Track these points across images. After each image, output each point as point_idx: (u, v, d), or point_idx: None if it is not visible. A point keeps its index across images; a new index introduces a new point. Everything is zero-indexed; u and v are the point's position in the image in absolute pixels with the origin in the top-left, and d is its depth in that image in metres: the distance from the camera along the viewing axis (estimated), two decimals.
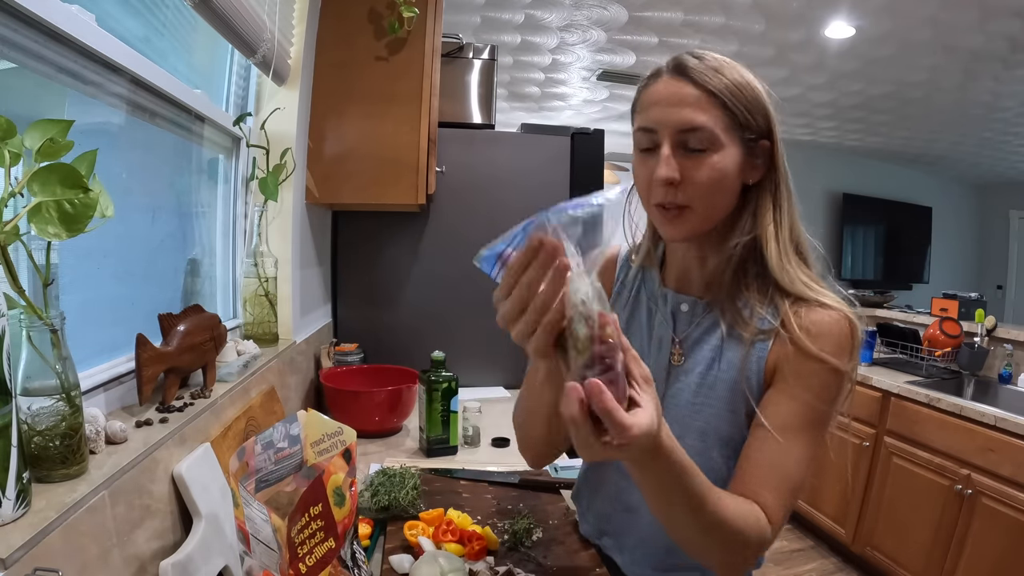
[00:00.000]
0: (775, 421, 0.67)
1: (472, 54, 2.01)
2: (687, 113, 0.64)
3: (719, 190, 0.67)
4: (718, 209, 0.69)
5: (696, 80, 0.65)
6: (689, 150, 0.65)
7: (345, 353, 1.75)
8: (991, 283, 6.20)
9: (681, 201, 0.67)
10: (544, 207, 0.52)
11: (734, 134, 0.66)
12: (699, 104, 0.64)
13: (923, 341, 2.59)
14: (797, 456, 0.65)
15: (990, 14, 2.53)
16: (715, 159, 0.65)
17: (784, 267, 0.69)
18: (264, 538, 0.58)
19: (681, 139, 0.65)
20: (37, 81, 0.71)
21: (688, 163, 0.65)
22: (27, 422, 0.56)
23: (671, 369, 0.76)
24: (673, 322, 0.77)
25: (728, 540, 0.60)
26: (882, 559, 2.33)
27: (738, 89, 0.65)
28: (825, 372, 0.66)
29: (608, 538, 0.85)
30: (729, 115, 0.65)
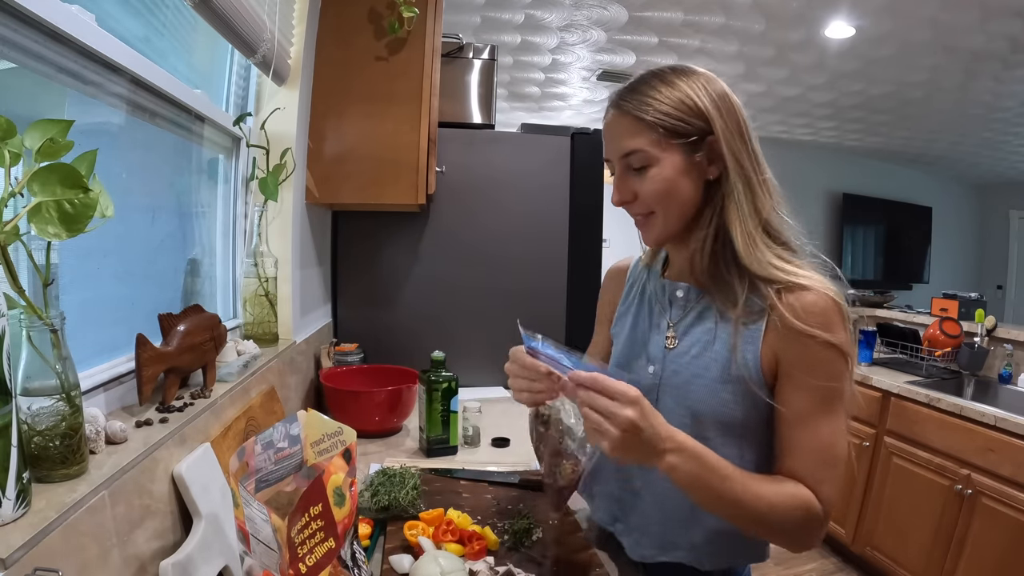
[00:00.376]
0: (793, 412, 0.71)
1: (472, 54, 2.01)
2: (625, 142, 0.75)
3: (669, 195, 0.74)
4: (678, 210, 0.76)
5: (625, 111, 0.75)
6: (635, 170, 0.76)
7: (345, 353, 1.75)
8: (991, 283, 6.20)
9: (643, 211, 0.77)
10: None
11: (669, 145, 0.73)
12: (633, 131, 0.74)
13: (923, 341, 2.59)
14: (824, 433, 0.70)
15: (990, 14, 2.53)
16: (654, 172, 0.74)
17: (751, 253, 0.73)
18: (264, 538, 0.58)
19: (625, 163, 0.76)
20: (37, 81, 0.71)
21: (637, 181, 0.76)
22: (27, 422, 0.56)
23: (666, 353, 0.81)
24: (670, 308, 0.83)
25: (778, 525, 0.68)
26: (882, 559, 2.33)
27: (666, 106, 0.73)
28: (821, 350, 0.70)
29: (620, 523, 0.87)
30: (658, 131, 0.73)
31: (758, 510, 0.67)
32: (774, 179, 0.77)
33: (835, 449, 0.70)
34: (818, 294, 0.71)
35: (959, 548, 1.99)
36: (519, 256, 2.05)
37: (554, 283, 2.08)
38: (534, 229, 2.05)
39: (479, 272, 2.04)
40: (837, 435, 0.70)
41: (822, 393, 0.70)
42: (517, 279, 2.05)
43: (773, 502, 0.67)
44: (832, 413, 0.70)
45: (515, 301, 2.05)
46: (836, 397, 0.70)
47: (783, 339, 0.71)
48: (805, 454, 0.70)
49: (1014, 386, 2.32)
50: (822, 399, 0.70)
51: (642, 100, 0.74)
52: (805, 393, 0.71)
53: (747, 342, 0.74)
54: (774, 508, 0.67)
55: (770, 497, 0.67)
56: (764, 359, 0.73)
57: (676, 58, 3.34)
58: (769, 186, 0.76)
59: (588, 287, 2.11)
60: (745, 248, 0.73)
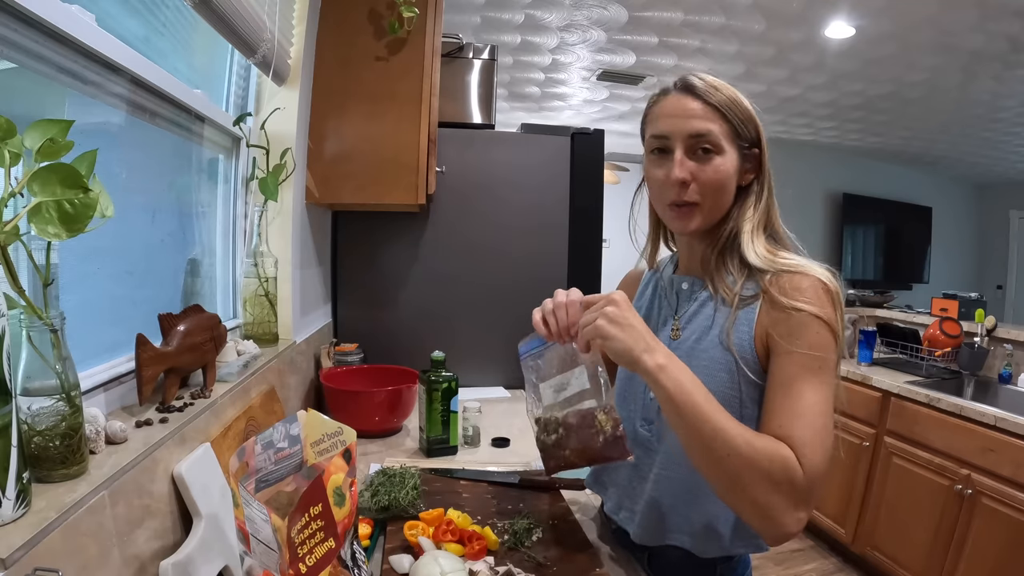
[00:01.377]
0: (779, 378, 0.73)
1: (472, 54, 2.01)
2: (696, 122, 0.77)
3: (723, 189, 0.79)
4: (721, 206, 0.80)
5: (701, 96, 0.78)
6: (698, 154, 0.78)
7: (345, 353, 1.75)
8: (991, 283, 6.20)
9: (691, 199, 0.79)
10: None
11: (733, 142, 0.78)
12: (705, 115, 0.77)
13: (923, 341, 2.59)
14: (809, 401, 0.69)
15: (990, 14, 2.53)
16: (719, 161, 0.77)
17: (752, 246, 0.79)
18: (264, 538, 0.58)
19: (691, 144, 0.78)
20: (37, 81, 0.71)
21: (697, 166, 0.78)
22: (27, 422, 0.56)
23: (671, 343, 0.83)
24: (676, 301, 0.87)
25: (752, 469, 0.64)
26: (882, 559, 2.33)
27: (735, 104, 0.78)
28: (808, 321, 0.71)
29: (625, 511, 0.89)
30: (729, 125, 0.78)
31: (737, 447, 0.64)
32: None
33: (818, 417, 0.68)
34: (809, 276, 0.74)
35: (959, 548, 1.99)
36: (519, 256, 2.05)
37: (554, 282, 2.08)
38: (534, 229, 2.05)
39: (479, 272, 2.04)
40: (820, 404, 0.69)
41: (806, 361, 0.70)
42: (517, 279, 2.05)
43: (753, 443, 0.65)
44: (816, 382, 0.70)
45: (515, 301, 2.05)
46: (821, 368, 0.70)
47: (772, 315, 0.74)
48: (786, 417, 0.69)
49: (1014, 386, 2.32)
50: (806, 367, 0.70)
51: (724, 96, 0.78)
52: (791, 359, 0.71)
53: (742, 324, 0.77)
54: (754, 449, 0.65)
55: (750, 437, 0.66)
56: (757, 339, 0.75)
57: (676, 58, 3.34)
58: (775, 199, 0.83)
59: (588, 287, 2.10)
60: (747, 240, 0.79)
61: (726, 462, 0.65)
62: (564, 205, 2.07)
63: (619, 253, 4.53)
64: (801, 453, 0.66)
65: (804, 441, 0.67)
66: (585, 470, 1.17)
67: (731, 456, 0.65)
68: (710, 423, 0.66)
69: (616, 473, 0.92)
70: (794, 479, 0.65)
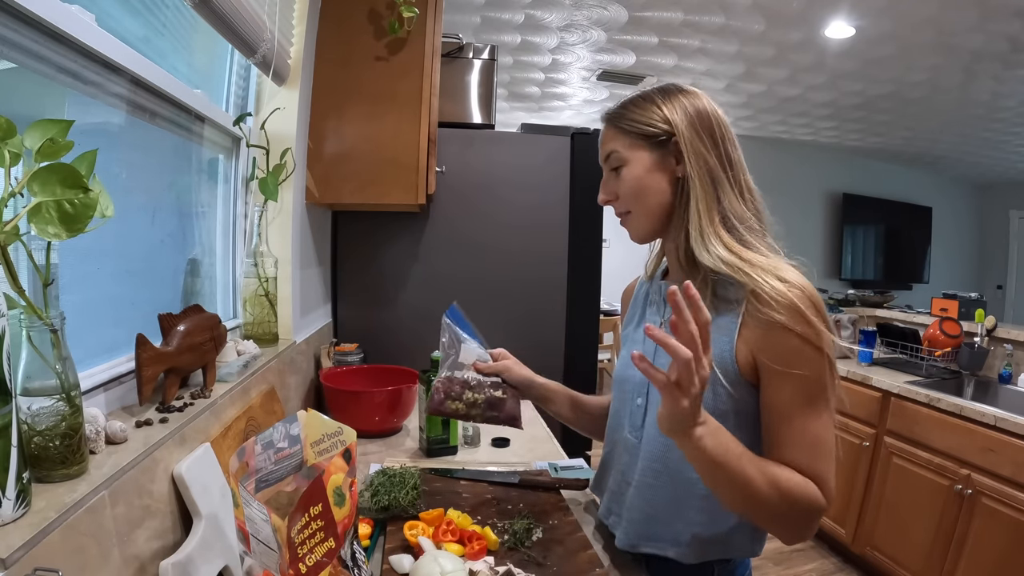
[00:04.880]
0: (780, 408, 0.72)
1: (472, 54, 2.01)
2: (603, 149, 0.87)
3: (640, 192, 0.83)
4: (650, 207, 0.83)
5: (608, 121, 0.87)
6: (613, 172, 0.86)
7: (345, 353, 1.75)
8: (991, 283, 6.20)
9: (621, 210, 0.86)
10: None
11: (636, 144, 0.82)
12: (609, 138, 0.86)
13: (923, 341, 2.59)
14: (816, 431, 0.71)
15: (990, 14, 2.54)
16: (625, 171, 0.83)
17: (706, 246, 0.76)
18: (264, 538, 0.58)
19: (607, 165, 0.87)
20: (37, 81, 0.71)
21: (615, 181, 0.85)
22: (27, 422, 0.56)
23: (656, 350, 0.83)
24: (663, 307, 0.88)
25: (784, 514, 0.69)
26: (882, 559, 2.33)
27: (636, 112, 0.83)
28: (799, 348, 0.70)
29: (613, 516, 0.90)
30: (626, 134, 0.83)
31: (764, 495, 0.67)
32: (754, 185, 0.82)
33: (826, 443, 0.71)
34: (787, 297, 0.71)
35: (959, 548, 1.99)
36: (519, 256, 2.05)
37: (554, 282, 2.08)
38: (534, 229, 2.06)
39: (479, 272, 2.04)
40: (825, 428, 0.71)
41: (805, 389, 0.71)
42: (517, 279, 2.06)
43: (782, 489, 0.68)
44: (818, 407, 0.71)
45: (515, 301, 2.05)
46: (819, 390, 0.71)
47: (759, 334, 0.72)
48: (797, 449, 0.71)
49: (1014, 386, 2.32)
50: (806, 393, 0.71)
51: (621, 112, 0.85)
52: (786, 389, 0.71)
53: (721, 333, 0.75)
54: (781, 495, 0.67)
55: (781, 484, 0.68)
56: (739, 352, 0.74)
57: (676, 58, 3.34)
58: (742, 187, 0.80)
59: (588, 286, 2.11)
60: (695, 238, 0.77)
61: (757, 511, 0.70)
62: (564, 205, 2.07)
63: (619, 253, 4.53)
64: (823, 485, 0.70)
65: (821, 472, 0.70)
66: (589, 472, 1.17)
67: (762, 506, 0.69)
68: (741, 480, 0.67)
69: (608, 479, 0.93)
70: (820, 510, 0.69)
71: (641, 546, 0.84)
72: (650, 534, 0.82)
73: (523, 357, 1.10)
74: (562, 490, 1.12)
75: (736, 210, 0.78)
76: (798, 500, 0.68)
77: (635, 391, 0.87)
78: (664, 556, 0.83)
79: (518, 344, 2.10)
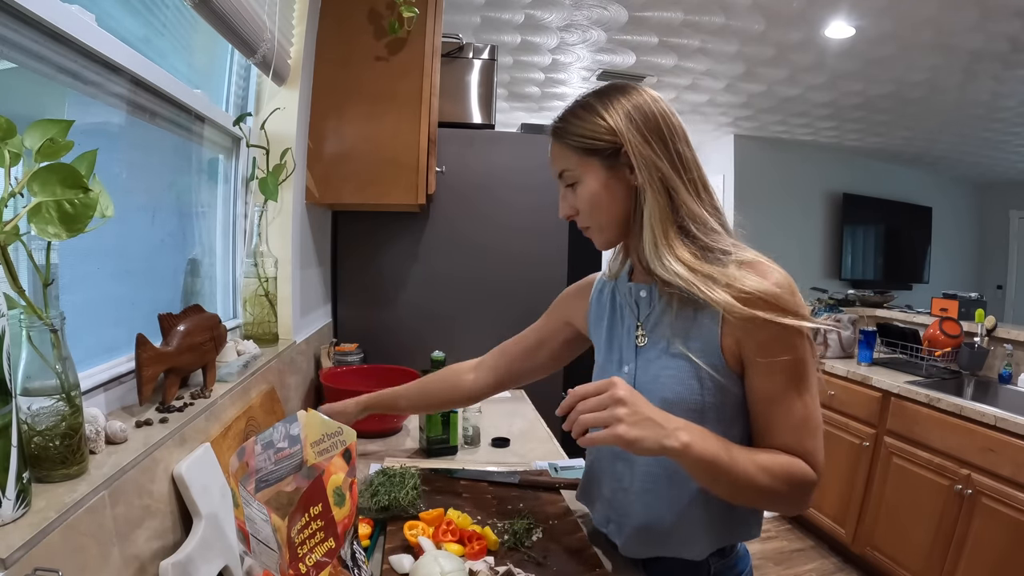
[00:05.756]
0: (765, 394, 0.75)
1: (472, 54, 2.01)
2: (554, 166, 0.86)
3: (597, 205, 0.82)
4: (609, 219, 0.83)
5: (556, 137, 0.84)
6: (569, 188, 0.85)
7: (345, 353, 1.75)
8: (991, 283, 6.20)
9: (583, 224, 0.86)
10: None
11: (587, 161, 0.81)
12: (558, 155, 0.84)
13: (923, 341, 2.59)
14: (801, 412, 0.74)
15: (990, 14, 2.53)
16: (580, 188, 0.83)
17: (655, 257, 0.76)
18: (264, 538, 0.58)
19: (562, 183, 0.85)
20: (37, 81, 0.71)
21: (572, 197, 0.84)
22: (27, 422, 0.56)
23: (638, 350, 0.84)
24: (637, 309, 0.86)
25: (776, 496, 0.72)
26: (882, 559, 2.33)
27: (581, 127, 0.80)
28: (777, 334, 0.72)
29: (612, 524, 0.89)
30: (576, 151, 0.81)
31: (760, 482, 0.70)
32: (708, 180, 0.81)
33: (813, 420, 0.74)
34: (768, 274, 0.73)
35: (959, 548, 1.99)
36: (519, 256, 2.05)
37: (554, 282, 2.08)
38: (534, 229, 2.06)
39: (479, 272, 2.04)
40: (811, 407, 0.74)
41: (787, 373, 0.73)
42: (517, 279, 2.06)
43: (774, 473, 0.71)
44: (802, 389, 0.73)
45: (515, 301, 2.05)
46: (802, 375, 0.73)
47: (738, 328, 0.74)
48: (787, 432, 0.74)
49: (1014, 386, 2.32)
50: (789, 379, 0.73)
51: (565, 126, 0.83)
52: (770, 376, 0.74)
53: (704, 329, 0.77)
54: (774, 479, 0.71)
55: (772, 469, 0.71)
56: (724, 342, 0.75)
57: (676, 58, 3.34)
58: (698, 187, 0.79)
59: None
60: (651, 252, 0.77)
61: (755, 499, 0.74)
62: None
63: None
64: (812, 460, 0.73)
65: (809, 449, 0.73)
66: None
67: (759, 493, 0.72)
68: (733, 474, 0.70)
69: (601, 487, 0.91)
70: (811, 483, 0.73)
71: (646, 552, 0.83)
72: (654, 539, 0.82)
73: None
74: (562, 490, 1.12)
75: (694, 213, 0.77)
76: (789, 480, 0.72)
77: None
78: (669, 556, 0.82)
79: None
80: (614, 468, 0.87)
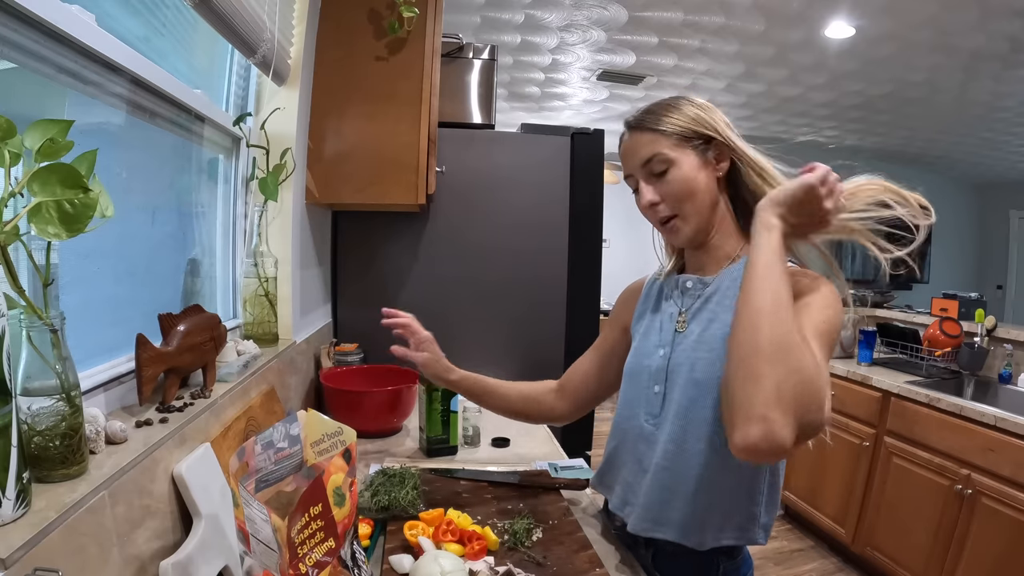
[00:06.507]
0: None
1: (472, 54, 2.01)
2: (641, 152, 0.86)
3: (689, 193, 0.84)
4: (699, 208, 0.85)
5: (640, 126, 0.87)
6: (655, 176, 0.85)
7: (345, 353, 1.75)
8: (991, 283, 6.20)
9: (665, 213, 0.86)
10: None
11: (682, 148, 0.84)
12: (648, 141, 0.86)
13: (923, 341, 2.59)
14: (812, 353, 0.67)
15: (990, 14, 2.54)
16: (673, 173, 0.84)
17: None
18: (264, 538, 0.58)
19: (646, 171, 0.86)
20: (37, 81, 0.71)
21: (660, 185, 0.85)
22: (27, 422, 0.56)
23: (676, 336, 0.88)
24: (682, 298, 0.90)
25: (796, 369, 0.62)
26: (882, 559, 2.33)
27: (674, 116, 0.85)
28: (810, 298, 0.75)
29: (629, 506, 0.90)
30: (672, 137, 0.84)
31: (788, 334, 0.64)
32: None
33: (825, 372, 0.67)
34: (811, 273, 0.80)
35: (959, 548, 1.99)
36: (519, 256, 2.05)
37: (554, 282, 2.08)
38: (534, 229, 2.05)
39: (479, 272, 2.04)
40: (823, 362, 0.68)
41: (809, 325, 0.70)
42: (517, 279, 2.06)
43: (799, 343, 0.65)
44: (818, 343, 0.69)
45: (515, 301, 2.05)
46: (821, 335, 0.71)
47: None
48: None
49: (1014, 386, 2.32)
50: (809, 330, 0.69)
51: (657, 117, 0.86)
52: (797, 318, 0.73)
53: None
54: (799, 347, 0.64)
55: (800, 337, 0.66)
56: None
57: (676, 58, 3.34)
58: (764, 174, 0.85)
59: (588, 287, 2.11)
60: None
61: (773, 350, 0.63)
62: (564, 205, 2.07)
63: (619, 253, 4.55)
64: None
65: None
66: (589, 472, 1.17)
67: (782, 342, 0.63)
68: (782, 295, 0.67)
69: (621, 470, 0.93)
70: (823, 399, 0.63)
71: (652, 531, 0.84)
72: (662, 519, 0.83)
73: (523, 357, 1.11)
74: (562, 490, 1.12)
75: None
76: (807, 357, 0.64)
77: (652, 380, 0.88)
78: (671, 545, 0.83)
79: (518, 344, 2.11)
80: (636, 449, 0.89)
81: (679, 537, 0.81)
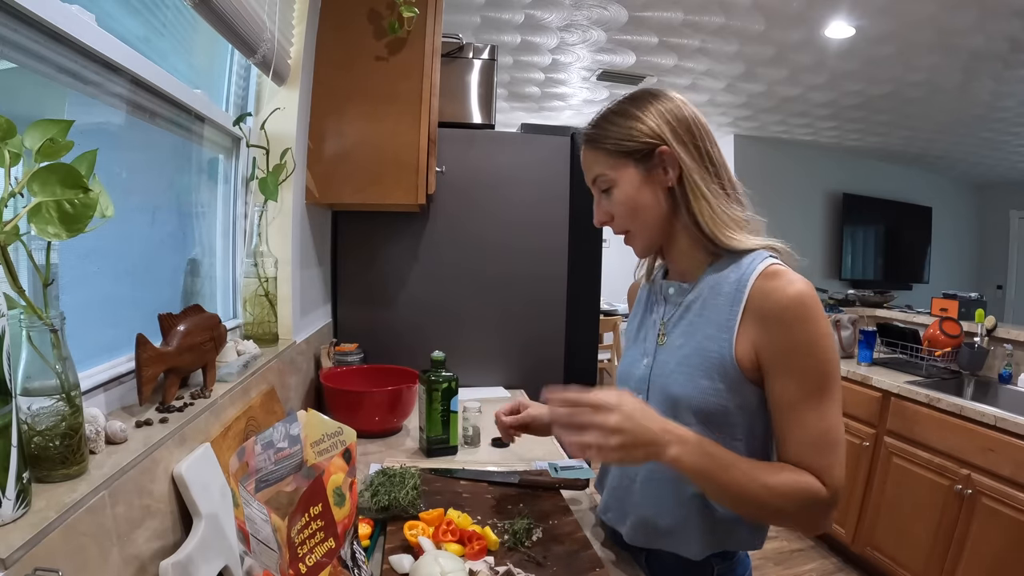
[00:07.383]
0: (784, 402, 0.73)
1: (472, 54, 2.01)
2: (589, 172, 0.87)
3: (635, 210, 0.83)
4: (648, 223, 0.83)
5: (589, 142, 0.86)
6: (604, 192, 0.86)
7: (345, 353, 1.75)
8: (991, 283, 6.21)
9: (620, 229, 0.87)
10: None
11: (622, 163, 0.82)
12: (593, 160, 0.85)
13: (923, 341, 2.59)
14: (819, 425, 0.71)
15: (990, 14, 2.54)
16: (616, 192, 0.83)
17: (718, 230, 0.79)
18: (264, 538, 0.58)
19: (597, 188, 0.87)
20: (37, 81, 0.71)
21: (608, 203, 0.85)
22: (27, 422, 0.56)
23: (657, 347, 0.86)
24: (664, 306, 0.89)
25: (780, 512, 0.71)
26: (882, 559, 2.33)
27: (615, 130, 0.82)
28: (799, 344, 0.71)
29: (611, 512, 0.91)
30: (610, 155, 0.83)
31: (760, 498, 0.69)
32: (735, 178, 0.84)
33: (832, 433, 0.71)
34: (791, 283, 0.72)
35: (959, 548, 1.99)
36: (519, 256, 2.05)
37: (554, 282, 2.08)
38: (534, 229, 2.06)
39: (479, 272, 2.04)
40: (831, 418, 0.71)
41: (807, 383, 0.71)
42: (517, 279, 2.06)
43: (775, 490, 0.69)
44: (822, 398, 0.71)
45: (515, 301, 2.05)
46: (824, 381, 0.71)
47: (760, 328, 0.73)
48: (802, 444, 0.71)
49: (1014, 386, 2.32)
50: (808, 390, 0.71)
51: (598, 132, 0.84)
52: (789, 384, 0.72)
53: (718, 329, 0.77)
54: (776, 495, 0.69)
55: (773, 485, 0.69)
56: (739, 347, 0.75)
57: (676, 58, 3.34)
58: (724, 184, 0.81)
59: (589, 287, 2.11)
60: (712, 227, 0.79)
61: (757, 512, 0.73)
62: (564, 205, 2.07)
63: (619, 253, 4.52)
64: (824, 476, 0.70)
65: (823, 466, 0.70)
66: (589, 472, 1.17)
67: (761, 509, 0.71)
68: (730, 489, 0.70)
69: (607, 475, 0.94)
70: (820, 499, 0.69)
71: (651, 544, 0.84)
72: (659, 531, 0.83)
73: (523, 358, 1.11)
74: (562, 490, 1.12)
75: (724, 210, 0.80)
76: (795, 498, 0.69)
77: (636, 388, 0.87)
78: (663, 554, 0.83)
79: (518, 345, 2.10)
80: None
81: (674, 548, 0.82)
